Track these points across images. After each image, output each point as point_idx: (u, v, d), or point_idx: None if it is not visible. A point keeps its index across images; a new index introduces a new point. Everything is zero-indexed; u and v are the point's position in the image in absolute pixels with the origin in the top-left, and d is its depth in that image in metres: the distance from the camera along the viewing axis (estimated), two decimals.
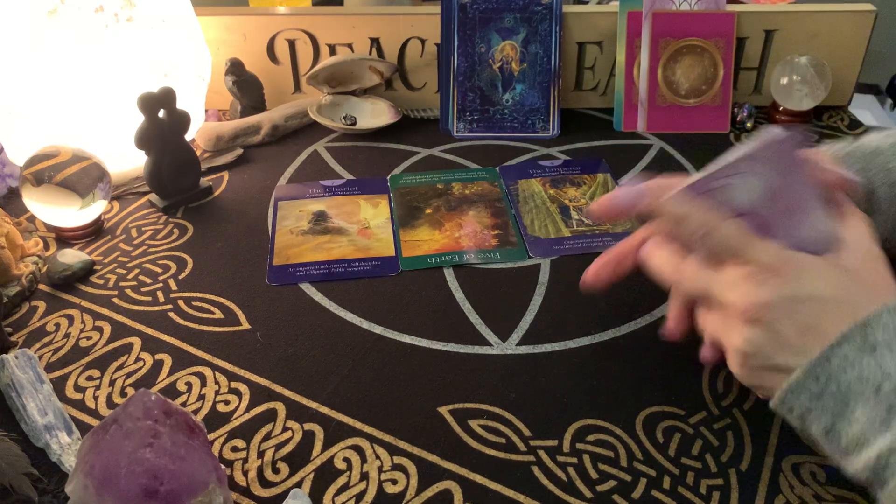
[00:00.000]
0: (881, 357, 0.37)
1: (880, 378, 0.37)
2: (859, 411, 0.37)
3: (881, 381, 0.37)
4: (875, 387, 0.37)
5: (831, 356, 0.38)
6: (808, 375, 0.39)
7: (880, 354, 0.37)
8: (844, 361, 0.38)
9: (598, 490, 0.45)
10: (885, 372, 0.37)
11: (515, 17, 0.84)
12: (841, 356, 0.38)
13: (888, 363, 0.37)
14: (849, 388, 0.37)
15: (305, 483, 0.46)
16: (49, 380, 0.52)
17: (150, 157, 0.70)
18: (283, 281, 0.63)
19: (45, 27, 0.66)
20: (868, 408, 0.37)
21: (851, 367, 0.38)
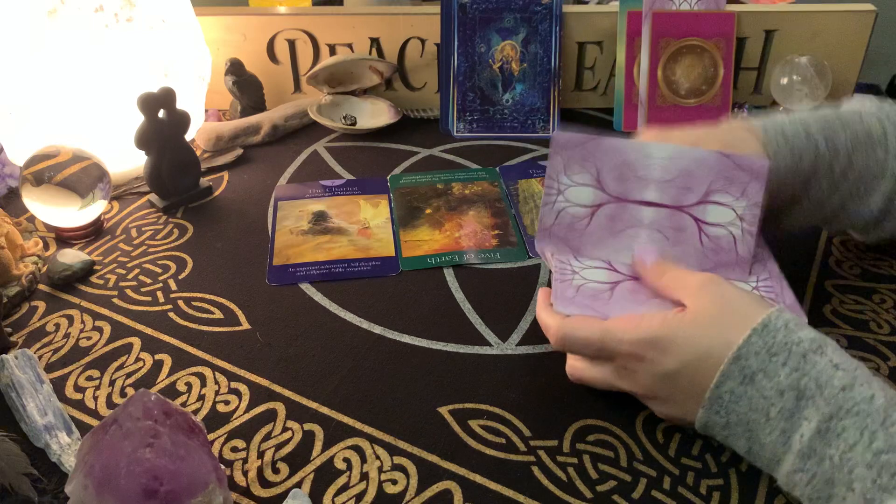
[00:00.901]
0: (760, 385, 0.41)
1: (765, 405, 0.40)
2: (762, 436, 0.41)
3: (767, 408, 0.40)
4: (765, 414, 0.40)
5: (719, 395, 0.42)
6: (709, 412, 0.43)
7: (758, 382, 0.41)
8: (732, 396, 0.41)
9: (598, 490, 0.45)
10: (767, 399, 0.40)
11: (515, 17, 0.84)
12: (726, 392, 0.41)
13: (767, 389, 0.40)
14: (746, 416, 0.41)
15: (305, 483, 0.46)
16: (49, 380, 0.52)
17: (150, 157, 0.70)
18: (283, 281, 0.63)
19: (45, 27, 0.66)
20: (767, 433, 0.41)
21: (739, 399, 0.41)
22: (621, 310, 0.47)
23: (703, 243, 0.50)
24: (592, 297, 0.48)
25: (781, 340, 0.41)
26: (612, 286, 0.49)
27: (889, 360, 0.54)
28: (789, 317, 0.42)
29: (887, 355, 0.54)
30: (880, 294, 0.60)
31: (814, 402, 0.39)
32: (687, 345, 0.43)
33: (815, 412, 0.39)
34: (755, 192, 0.49)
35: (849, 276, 0.62)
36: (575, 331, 0.46)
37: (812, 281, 0.62)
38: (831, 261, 0.64)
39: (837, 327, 0.57)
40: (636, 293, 0.48)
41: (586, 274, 0.50)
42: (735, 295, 0.44)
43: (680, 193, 0.50)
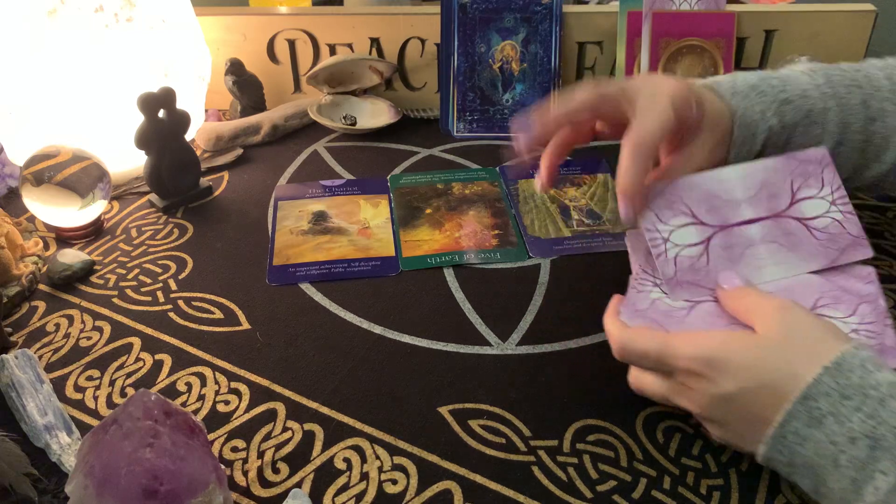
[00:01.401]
0: (829, 429, 0.37)
1: (835, 451, 0.37)
2: (831, 480, 0.38)
3: (837, 455, 0.37)
4: (833, 461, 0.37)
5: (783, 434, 0.39)
6: (772, 450, 0.40)
7: (828, 426, 0.37)
8: (797, 437, 0.39)
9: (598, 490, 0.45)
10: (837, 445, 0.37)
11: (515, 16, 0.84)
12: (792, 433, 0.39)
13: (837, 435, 0.37)
14: (813, 459, 0.38)
15: (305, 483, 0.46)
16: (49, 380, 0.52)
17: (150, 157, 0.70)
18: (283, 281, 0.63)
19: (45, 27, 0.66)
20: (836, 479, 0.38)
21: (806, 441, 0.38)
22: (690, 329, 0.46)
23: (817, 237, 0.49)
24: (666, 314, 0.47)
25: (857, 382, 0.37)
26: (705, 244, 0.49)
27: None
28: (866, 355, 0.39)
29: None
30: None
31: (891, 455, 0.36)
32: (747, 369, 0.40)
33: (892, 466, 0.35)
34: (831, 176, 0.50)
35: None
36: (634, 341, 0.44)
37: None
38: None
39: None
40: (714, 316, 0.47)
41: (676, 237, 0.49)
42: (808, 323, 0.41)
43: (771, 202, 0.49)
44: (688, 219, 0.49)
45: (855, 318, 0.46)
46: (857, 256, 0.49)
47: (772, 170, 0.50)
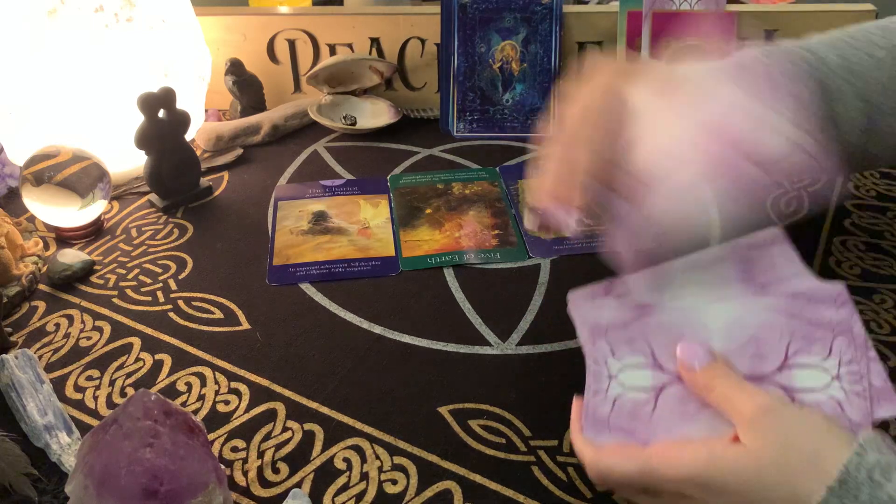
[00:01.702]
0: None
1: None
2: None
3: None
4: None
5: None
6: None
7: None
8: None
9: (598, 490, 0.45)
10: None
11: (515, 17, 0.84)
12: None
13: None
14: None
15: (305, 483, 0.46)
16: (49, 380, 0.52)
17: (150, 157, 0.70)
18: (283, 281, 0.63)
19: (45, 27, 0.66)
20: None
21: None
22: (666, 430, 0.41)
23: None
24: (631, 414, 0.42)
25: (866, 501, 0.33)
26: (656, 392, 0.42)
27: (889, 361, 0.54)
28: (873, 461, 0.34)
29: (887, 355, 0.54)
30: (880, 294, 0.60)
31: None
32: (742, 493, 0.36)
33: None
34: (845, 347, 0.41)
35: (849, 276, 0.62)
36: (612, 467, 0.40)
37: None
38: (831, 261, 0.64)
39: None
40: (684, 402, 0.41)
41: (625, 377, 0.43)
42: (801, 429, 0.37)
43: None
44: (645, 359, 0.43)
45: (832, 359, 0.41)
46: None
47: (767, 327, 0.43)
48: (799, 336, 0.42)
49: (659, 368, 0.43)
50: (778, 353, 0.42)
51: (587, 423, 0.42)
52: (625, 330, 0.44)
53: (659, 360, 0.43)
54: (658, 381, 0.43)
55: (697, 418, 0.41)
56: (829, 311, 0.43)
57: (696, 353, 0.41)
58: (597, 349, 0.44)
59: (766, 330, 0.43)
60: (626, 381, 0.43)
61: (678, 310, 0.44)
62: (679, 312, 0.44)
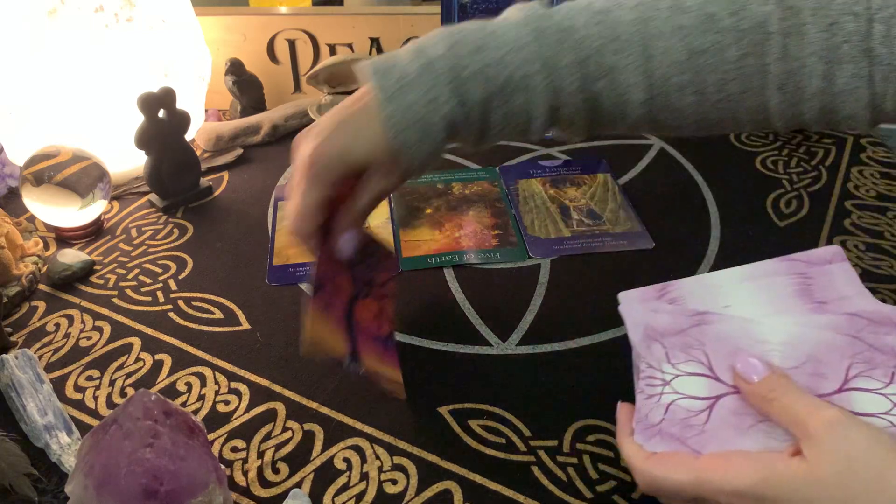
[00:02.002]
0: None
1: None
2: None
3: None
4: None
5: None
6: None
7: None
8: None
9: (598, 490, 0.45)
10: None
11: None
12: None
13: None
14: None
15: (305, 483, 0.46)
16: (49, 380, 0.52)
17: (150, 157, 0.70)
18: (283, 281, 0.63)
19: (45, 27, 0.66)
20: None
21: None
22: (719, 442, 0.40)
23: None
24: (684, 423, 0.41)
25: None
26: (710, 403, 0.41)
27: None
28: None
29: None
30: (880, 294, 0.60)
31: None
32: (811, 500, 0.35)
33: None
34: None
35: None
36: (665, 476, 0.38)
37: None
38: None
39: None
40: (740, 416, 0.40)
41: (680, 384, 0.42)
42: (868, 447, 0.35)
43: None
44: (702, 369, 0.42)
45: (893, 385, 0.40)
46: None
47: (828, 346, 0.41)
48: (860, 359, 0.41)
49: (715, 378, 0.42)
50: (838, 375, 0.41)
51: (638, 427, 0.41)
52: (681, 336, 0.43)
53: (715, 370, 0.42)
54: (714, 391, 0.41)
55: (752, 432, 0.40)
56: (891, 336, 0.41)
57: (755, 367, 0.40)
58: (651, 353, 0.43)
59: (826, 349, 0.41)
60: (680, 388, 0.42)
61: (736, 321, 0.43)
62: (737, 323, 0.43)
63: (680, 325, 0.43)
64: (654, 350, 0.43)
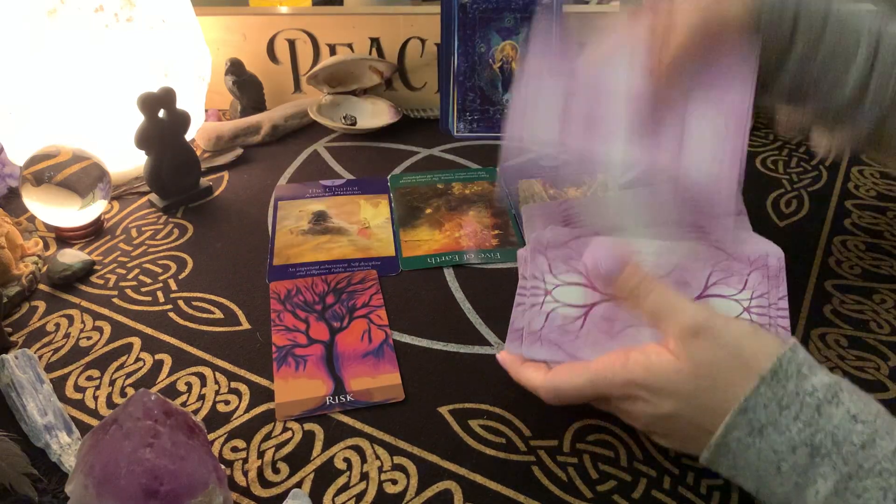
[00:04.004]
0: (770, 439, 0.38)
1: (775, 459, 0.38)
2: (773, 484, 0.38)
3: (778, 462, 0.38)
4: (776, 467, 0.38)
5: (725, 442, 0.39)
6: (715, 455, 0.40)
7: (768, 436, 0.38)
8: (739, 444, 0.39)
9: (598, 490, 0.45)
10: (778, 453, 0.38)
11: (515, 16, 0.84)
12: (734, 440, 0.39)
13: (778, 443, 0.38)
14: (755, 464, 0.39)
15: (305, 483, 0.46)
16: (49, 380, 0.52)
17: (150, 157, 0.70)
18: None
19: (45, 27, 0.66)
20: (779, 483, 0.38)
21: (748, 448, 0.39)
22: (592, 348, 0.45)
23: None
24: (561, 329, 0.45)
25: (793, 390, 0.38)
26: (585, 311, 0.46)
27: (889, 360, 0.54)
28: (802, 358, 0.39)
29: (887, 355, 0.54)
30: (880, 294, 0.60)
31: (830, 460, 0.36)
32: (682, 396, 0.40)
33: (831, 471, 0.36)
34: (756, 282, 0.46)
35: (849, 276, 0.62)
36: (563, 384, 0.44)
37: (812, 281, 0.62)
38: (831, 261, 0.64)
39: (837, 327, 0.57)
40: (610, 321, 0.45)
41: (559, 293, 0.46)
42: (735, 339, 0.40)
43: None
44: (579, 279, 0.46)
45: (745, 292, 0.45)
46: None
47: (693, 256, 0.46)
48: (720, 268, 0.46)
49: (591, 287, 0.46)
50: (699, 282, 0.46)
51: (524, 337, 0.46)
52: (563, 248, 0.47)
53: (592, 280, 0.46)
54: (589, 299, 0.46)
55: (621, 337, 0.45)
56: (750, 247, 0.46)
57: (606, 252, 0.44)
58: (536, 264, 0.47)
59: (692, 259, 0.46)
60: (559, 296, 0.46)
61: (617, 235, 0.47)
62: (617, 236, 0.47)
63: (564, 238, 0.47)
64: (538, 261, 0.47)
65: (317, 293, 0.61)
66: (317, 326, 0.57)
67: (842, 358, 0.54)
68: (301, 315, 0.58)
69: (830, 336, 0.56)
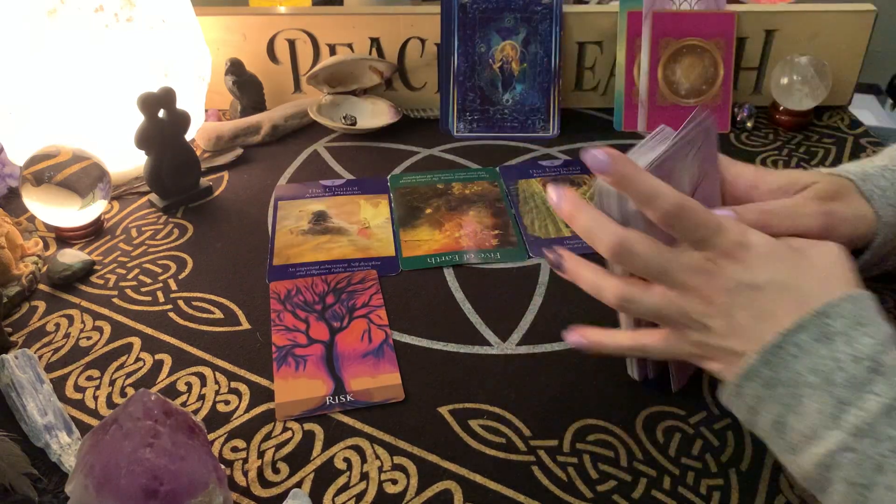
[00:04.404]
0: (836, 347, 0.37)
1: (833, 367, 0.36)
2: (810, 404, 0.37)
3: (833, 372, 0.36)
4: (826, 378, 0.36)
5: (785, 343, 0.38)
6: (762, 361, 0.38)
7: (836, 344, 0.37)
8: (798, 350, 0.38)
9: (598, 490, 0.45)
10: (838, 361, 0.37)
11: (515, 16, 0.84)
12: (794, 344, 0.38)
13: (842, 353, 0.37)
14: (801, 377, 0.37)
15: (305, 483, 0.46)
16: (49, 380, 0.52)
17: (150, 157, 0.70)
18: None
19: (45, 27, 0.66)
20: (819, 401, 0.36)
21: (806, 355, 0.37)
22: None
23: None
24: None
25: (871, 315, 0.38)
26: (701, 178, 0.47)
27: None
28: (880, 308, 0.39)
29: None
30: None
31: (888, 380, 0.35)
32: (785, 267, 0.40)
33: (888, 389, 0.35)
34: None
35: None
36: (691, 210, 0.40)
37: None
38: None
39: None
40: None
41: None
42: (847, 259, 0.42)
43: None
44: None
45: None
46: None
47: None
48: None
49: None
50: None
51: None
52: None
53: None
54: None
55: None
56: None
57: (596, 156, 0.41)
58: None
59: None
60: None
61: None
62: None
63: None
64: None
65: (317, 293, 0.61)
66: (317, 326, 0.57)
67: None
68: (301, 315, 0.58)
69: None
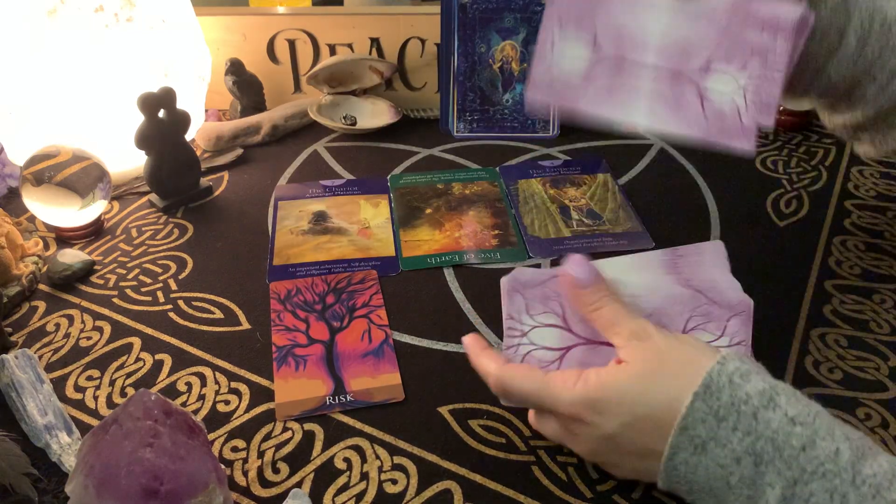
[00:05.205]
0: (714, 454, 0.38)
1: (724, 473, 0.38)
2: (728, 500, 0.38)
3: (727, 476, 0.38)
4: (725, 482, 0.38)
5: (675, 465, 0.39)
6: (670, 479, 0.40)
7: (712, 451, 0.38)
8: (687, 466, 0.39)
9: (598, 490, 0.45)
10: (724, 467, 0.37)
11: (515, 16, 0.84)
12: (682, 463, 0.39)
13: (722, 457, 0.37)
14: (707, 484, 0.38)
15: (305, 483, 0.46)
16: (49, 380, 0.52)
17: (150, 157, 0.70)
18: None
19: (45, 27, 0.66)
20: (733, 498, 0.38)
21: (696, 468, 0.38)
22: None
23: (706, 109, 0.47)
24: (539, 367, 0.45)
25: (727, 401, 0.37)
26: (561, 354, 0.45)
27: (889, 360, 0.54)
28: (733, 367, 0.39)
29: (887, 355, 0.54)
30: (880, 294, 0.60)
31: (774, 466, 0.36)
32: (625, 405, 0.40)
33: (777, 477, 0.36)
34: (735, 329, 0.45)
35: (849, 276, 0.62)
36: (514, 379, 0.43)
37: (812, 281, 0.62)
38: (831, 261, 0.64)
39: (837, 327, 0.57)
40: (585, 365, 0.44)
41: (535, 336, 0.46)
42: (674, 345, 0.41)
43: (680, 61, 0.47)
44: (556, 320, 0.46)
45: (724, 339, 0.45)
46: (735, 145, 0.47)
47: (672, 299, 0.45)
48: (699, 312, 0.45)
49: (568, 329, 0.46)
50: (678, 326, 0.45)
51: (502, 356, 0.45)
52: (541, 287, 0.46)
53: (569, 322, 0.46)
54: (565, 342, 0.46)
55: None
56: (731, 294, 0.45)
57: (581, 266, 0.44)
58: (513, 304, 0.46)
59: (671, 302, 0.46)
60: (536, 339, 0.46)
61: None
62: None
63: (541, 279, 0.46)
64: (515, 301, 0.46)
65: (317, 293, 0.61)
66: (317, 326, 0.57)
67: (841, 358, 0.54)
68: (301, 315, 0.58)
69: (830, 336, 0.56)
